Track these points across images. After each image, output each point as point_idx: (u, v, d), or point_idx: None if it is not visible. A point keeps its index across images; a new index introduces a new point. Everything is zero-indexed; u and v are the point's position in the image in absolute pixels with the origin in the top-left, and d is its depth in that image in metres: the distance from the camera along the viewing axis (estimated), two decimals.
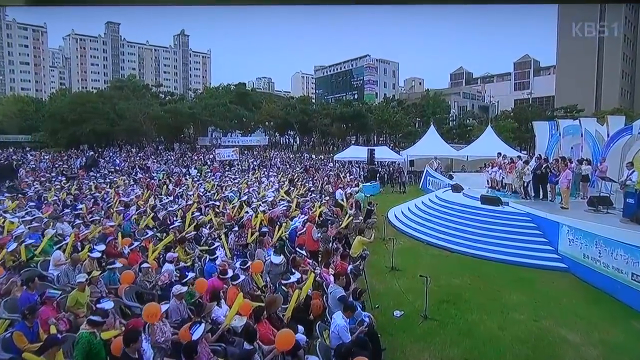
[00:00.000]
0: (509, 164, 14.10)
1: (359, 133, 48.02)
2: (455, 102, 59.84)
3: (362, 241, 10.00)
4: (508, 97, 62.23)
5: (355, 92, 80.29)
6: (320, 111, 45.77)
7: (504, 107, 52.01)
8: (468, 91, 69.38)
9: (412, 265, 9.84)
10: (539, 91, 56.85)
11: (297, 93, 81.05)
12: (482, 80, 77.91)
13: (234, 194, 17.12)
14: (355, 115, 43.54)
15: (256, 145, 42.59)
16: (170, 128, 40.78)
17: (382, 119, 43.18)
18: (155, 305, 5.65)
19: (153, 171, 26.57)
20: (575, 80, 46.91)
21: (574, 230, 9.06)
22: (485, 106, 62.81)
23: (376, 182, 23.14)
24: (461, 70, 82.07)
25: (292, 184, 20.35)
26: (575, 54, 46.69)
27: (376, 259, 10.44)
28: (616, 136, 13.21)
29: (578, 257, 8.87)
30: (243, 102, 45.29)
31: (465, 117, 48.21)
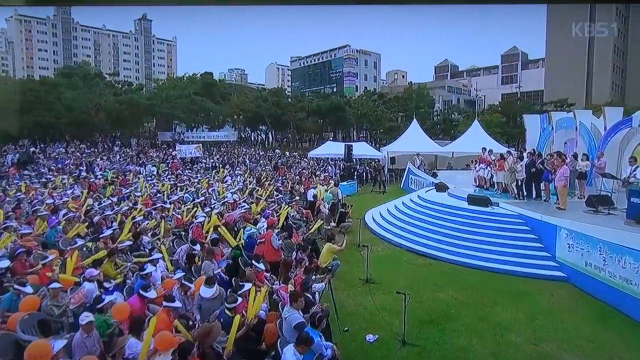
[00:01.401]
0: (499, 160, 13.53)
1: (337, 128, 47.55)
2: (440, 96, 60.15)
3: (332, 249, 9.12)
4: (495, 91, 62.97)
5: (334, 85, 79.78)
6: (295, 104, 44.83)
7: (491, 102, 52.52)
8: (453, 85, 69.98)
9: (389, 277, 9.11)
10: (528, 85, 57.77)
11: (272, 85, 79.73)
12: (468, 73, 78.78)
13: (190, 195, 15.89)
14: (333, 109, 42.89)
15: (224, 141, 41.13)
16: (126, 121, 38.71)
17: (361, 113, 42.73)
18: (43, 343, 4.48)
19: (103, 170, 24.83)
20: (565, 74, 47.75)
21: (574, 235, 8.44)
22: (471, 100, 63.45)
23: (353, 180, 22.46)
24: (446, 62, 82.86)
25: (260, 183, 19.31)
26: (565, 47, 47.49)
27: (348, 269, 9.63)
28: (614, 129, 12.87)
29: (579, 265, 8.25)
30: (210, 93, 43.66)
31: (451, 112, 48.36)
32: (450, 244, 10.70)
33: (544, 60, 57.48)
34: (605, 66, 47.05)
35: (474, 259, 9.88)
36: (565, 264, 8.68)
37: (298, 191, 17.73)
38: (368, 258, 9.19)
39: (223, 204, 13.38)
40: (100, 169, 24.18)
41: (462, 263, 9.85)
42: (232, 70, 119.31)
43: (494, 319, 7.07)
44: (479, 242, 10.37)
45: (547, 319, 7.01)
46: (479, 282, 8.64)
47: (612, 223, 8.59)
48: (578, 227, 8.44)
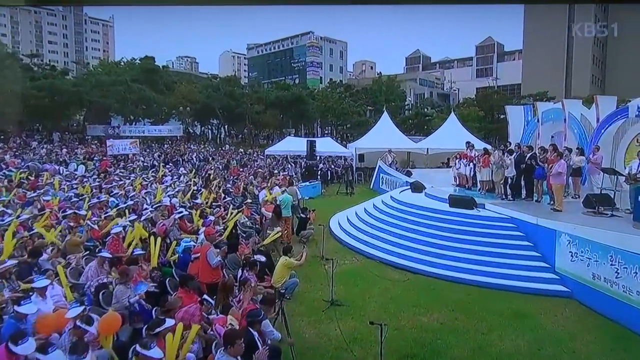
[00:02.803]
0: (483, 155, 12.97)
1: (299, 123, 47.00)
2: (411, 89, 60.75)
3: (289, 264, 8.09)
4: (469, 83, 64.34)
5: (296, 76, 78.91)
6: (251, 95, 43.71)
7: (466, 95, 53.40)
8: (425, 77, 71.00)
9: (360, 297, 8.18)
10: (504, 78, 59.29)
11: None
12: (441, 65, 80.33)
13: (116, 199, 14.19)
14: (294, 101, 42.28)
15: (169, 136, 39.22)
16: (47, 112, 35.62)
17: (326, 106, 42.34)
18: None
19: (12, 168, 22.29)
20: (543, 66, 49.34)
21: (578, 241, 7.80)
22: (445, 94, 64.53)
23: (317, 181, 21.60)
24: (418, 54, 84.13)
25: (207, 184, 17.89)
26: (543, 38, 49.07)
27: (309, 288, 8.63)
28: (609, 120, 12.68)
29: (585, 278, 7.61)
30: (151, 81, 41.30)
31: (423, 106, 48.64)
32: (431, 253, 9.93)
33: (521, 52, 59.34)
34: (585, 58, 49.02)
35: (459, 272, 9.14)
36: (568, 276, 8.04)
37: (252, 193, 16.53)
38: (333, 274, 8.13)
39: (157, 209, 11.90)
40: (7, 167, 21.66)
41: (446, 277, 9.08)
42: (181, 59, 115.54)
43: (491, 349, 6.20)
44: (465, 251, 9.68)
45: (555, 347, 6.22)
46: (469, 302, 7.80)
47: (619, 226, 8.03)
48: (582, 232, 7.80)
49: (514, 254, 9.18)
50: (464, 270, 9.14)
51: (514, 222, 9.89)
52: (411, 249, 10.35)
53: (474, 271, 9.03)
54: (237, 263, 8.08)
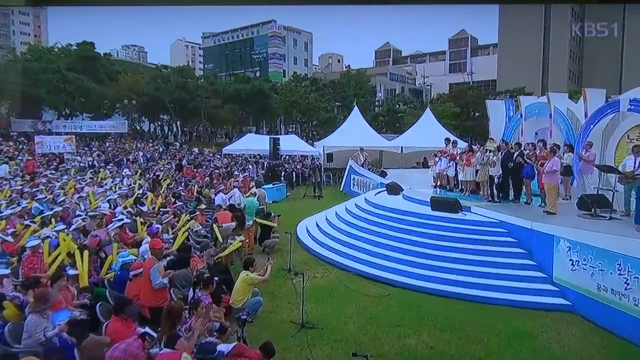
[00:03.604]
0: (466, 153, 12.72)
1: (260, 119, 46.55)
2: (381, 84, 61.10)
3: (251, 280, 7.38)
4: (443, 79, 65.42)
5: (257, 69, 77.97)
6: (207, 87, 42.68)
7: (439, 91, 54.22)
8: (396, 72, 71.64)
9: (335, 317, 7.62)
10: (478, 74, 60.61)
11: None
12: (413, 59, 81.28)
13: (41, 205, 12.96)
14: (255, 95, 41.62)
15: (112, 133, 37.70)
16: None
17: (290, 101, 41.93)
18: None
19: None
20: (519, 61, 50.60)
21: (580, 248, 7.52)
22: (417, 89, 65.28)
23: (281, 183, 21.08)
24: (388, 46, 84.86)
25: (155, 188, 16.86)
26: (519, 32, 50.33)
27: (275, 308, 8.02)
28: (598, 115, 12.70)
29: (588, 290, 7.33)
30: (90, 70, 39.38)
31: (395, 102, 48.90)
32: (413, 264, 9.48)
33: (496, 46, 60.87)
34: (562, 52, 50.72)
35: (446, 284, 8.73)
36: (568, 288, 7.75)
37: (207, 197, 15.72)
38: (304, 290, 7.46)
39: (92, 218, 10.83)
40: None
41: (431, 291, 8.64)
42: (127, 47, 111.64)
43: None
44: (450, 260, 9.29)
45: None
46: (461, 320, 7.33)
47: (621, 230, 7.83)
48: (584, 237, 7.50)
49: (505, 262, 8.87)
50: (451, 283, 8.75)
51: (505, 227, 9.59)
52: (390, 258, 9.89)
53: (462, 283, 8.65)
54: (188, 280, 7.25)
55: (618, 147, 13.10)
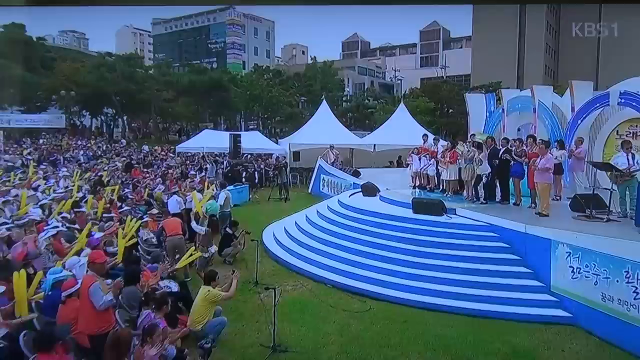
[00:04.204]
0: (450, 150, 12.60)
1: (218, 114, 46.15)
2: (349, 78, 61.24)
3: (213, 297, 6.81)
4: (413, 73, 66.21)
5: (214, 60, 76.75)
6: (158, 78, 41.88)
7: (410, 86, 54.84)
8: (365, 65, 72.07)
9: (311, 338, 7.17)
10: (451, 68, 61.72)
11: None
12: (382, 51, 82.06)
13: None
14: (213, 87, 41.03)
15: (47, 128, 36.84)
16: None
17: (251, 95, 41.59)
18: None
19: None
20: (493, 55, 51.89)
21: (581, 253, 7.35)
22: (388, 84, 65.79)
23: (243, 184, 20.66)
24: (355, 38, 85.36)
25: (97, 190, 15.99)
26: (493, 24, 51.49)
27: (242, 329, 7.45)
28: (586, 109, 12.77)
29: (592, 300, 7.14)
30: (20, 57, 37.39)
31: (364, 97, 49.07)
32: (395, 273, 9.15)
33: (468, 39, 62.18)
34: (537, 46, 52.25)
35: (433, 296, 8.44)
36: (568, 298, 7.57)
37: (159, 200, 15.17)
38: (275, 308, 6.91)
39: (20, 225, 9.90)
40: None
41: (417, 303, 8.30)
42: (65, 33, 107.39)
43: None
44: (437, 268, 9.03)
45: None
46: (454, 337, 7.02)
47: (622, 233, 7.69)
48: (586, 242, 7.33)
49: (497, 270, 8.64)
50: (438, 294, 8.47)
51: (496, 231, 9.39)
52: (370, 267, 9.55)
53: (450, 294, 8.38)
54: (137, 300, 6.56)
55: (606, 144, 13.25)
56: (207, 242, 9.75)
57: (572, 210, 9.72)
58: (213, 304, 6.84)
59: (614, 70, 36.75)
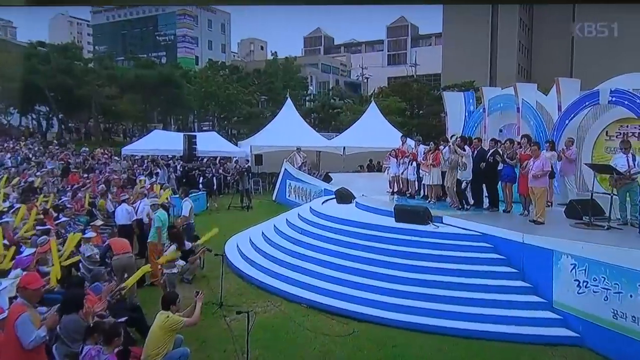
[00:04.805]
0: (432, 152, 12.49)
1: (169, 113, 45.62)
2: (312, 76, 61.37)
3: (173, 324, 6.20)
4: (381, 71, 66.97)
5: (163, 53, 75.56)
6: (100, 72, 40.88)
7: (378, 85, 55.45)
8: (329, 62, 72.50)
9: None
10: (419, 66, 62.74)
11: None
12: (347, 48, 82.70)
13: None
14: (163, 83, 40.34)
15: None
16: None
17: (206, 92, 40.98)
18: None
19: None
20: (465, 53, 53.19)
21: (588, 265, 7.21)
22: (354, 83, 66.20)
23: (199, 191, 20.28)
24: (318, 33, 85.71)
25: (27, 198, 15.10)
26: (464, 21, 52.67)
27: (207, 359, 6.91)
28: (575, 108, 13.02)
29: (601, 318, 6.98)
30: None
31: (330, 97, 49.18)
32: (379, 290, 8.85)
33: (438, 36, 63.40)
34: (510, 44, 53.86)
35: (422, 315, 8.17)
36: (574, 315, 7.41)
37: (103, 209, 14.49)
38: (249, 335, 6.39)
39: None
40: None
41: (405, 324, 8.00)
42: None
43: None
44: (424, 283, 8.80)
45: None
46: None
47: (629, 242, 7.67)
48: (593, 252, 7.20)
49: (492, 285, 8.44)
50: (427, 312, 8.19)
51: (489, 241, 9.22)
52: (350, 284, 9.20)
53: (441, 313, 8.11)
54: (79, 331, 5.88)
55: (595, 146, 13.50)
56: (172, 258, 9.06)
57: (567, 217, 9.78)
58: (173, 332, 6.25)
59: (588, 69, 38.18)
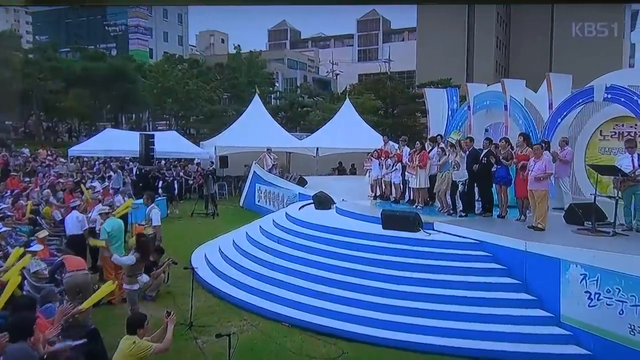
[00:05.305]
0: (419, 152, 12.43)
1: (121, 110, 44.93)
2: (279, 72, 61.20)
3: (141, 351, 5.79)
4: (352, 68, 67.21)
5: (113, 45, 73.99)
6: (42, 63, 39.64)
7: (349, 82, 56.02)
8: (296, 58, 72.41)
9: None
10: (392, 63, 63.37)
11: None
12: (315, 42, 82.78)
13: None
14: (114, 77, 39.57)
15: None
16: None
17: (163, 88, 40.29)
18: None
19: None
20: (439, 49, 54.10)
21: (601, 275, 7.11)
22: (323, 80, 66.26)
23: (159, 196, 19.37)
24: (284, 26, 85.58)
25: None
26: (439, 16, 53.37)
27: None
28: (568, 106, 13.24)
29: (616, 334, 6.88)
30: None
31: (298, 94, 49.01)
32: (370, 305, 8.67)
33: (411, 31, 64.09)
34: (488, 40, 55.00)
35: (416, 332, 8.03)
36: (585, 331, 7.31)
37: (48, 217, 13.99)
38: None
39: None
40: None
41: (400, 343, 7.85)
42: None
43: None
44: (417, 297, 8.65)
45: None
46: None
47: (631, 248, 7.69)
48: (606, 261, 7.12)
49: (492, 298, 8.32)
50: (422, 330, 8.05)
51: (487, 249, 9.11)
52: (336, 298, 8.98)
53: (439, 330, 7.97)
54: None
55: (589, 146, 13.68)
56: (135, 270, 8.43)
57: (567, 222, 9.81)
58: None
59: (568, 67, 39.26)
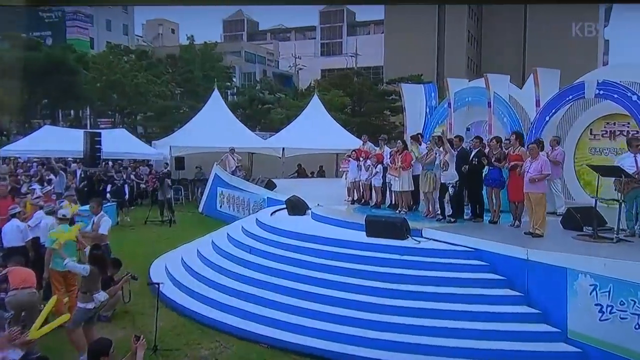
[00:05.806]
0: (401, 153, 12.27)
1: (59, 105, 43.38)
2: (235, 66, 60.46)
3: None
4: (312, 62, 67.11)
5: (49, 34, 71.50)
6: None
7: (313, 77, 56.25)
8: (254, 51, 71.80)
9: None
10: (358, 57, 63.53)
11: None
12: (274, 34, 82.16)
13: None
14: (52, 68, 38.18)
15: None
16: None
17: (108, 81, 39.35)
18: None
19: None
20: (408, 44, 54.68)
21: (613, 286, 7.01)
22: (284, 74, 65.85)
23: (107, 202, 18.65)
24: (240, 16, 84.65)
25: None
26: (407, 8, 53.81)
27: None
28: (556, 103, 13.33)
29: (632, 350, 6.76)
30: None
31: (259, 89, 48.50)
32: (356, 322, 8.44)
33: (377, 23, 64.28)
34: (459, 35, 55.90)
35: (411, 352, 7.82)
36: (596, 347, 7.19)
37: None
38: None
39: None
40: None
41: None
42: None
43: None
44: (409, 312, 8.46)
45: None
46: None
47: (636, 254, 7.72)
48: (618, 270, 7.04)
49: (491, 312, 8.16)
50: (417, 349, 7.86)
51: (484, 258, 8.96)
52: (317, 314, 8.74)
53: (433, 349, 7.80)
54: None
55: (578, 146, 13.80)
56: (91, 285, 7.73)
57: (564, 227, 9.81)
58: None
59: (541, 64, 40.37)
